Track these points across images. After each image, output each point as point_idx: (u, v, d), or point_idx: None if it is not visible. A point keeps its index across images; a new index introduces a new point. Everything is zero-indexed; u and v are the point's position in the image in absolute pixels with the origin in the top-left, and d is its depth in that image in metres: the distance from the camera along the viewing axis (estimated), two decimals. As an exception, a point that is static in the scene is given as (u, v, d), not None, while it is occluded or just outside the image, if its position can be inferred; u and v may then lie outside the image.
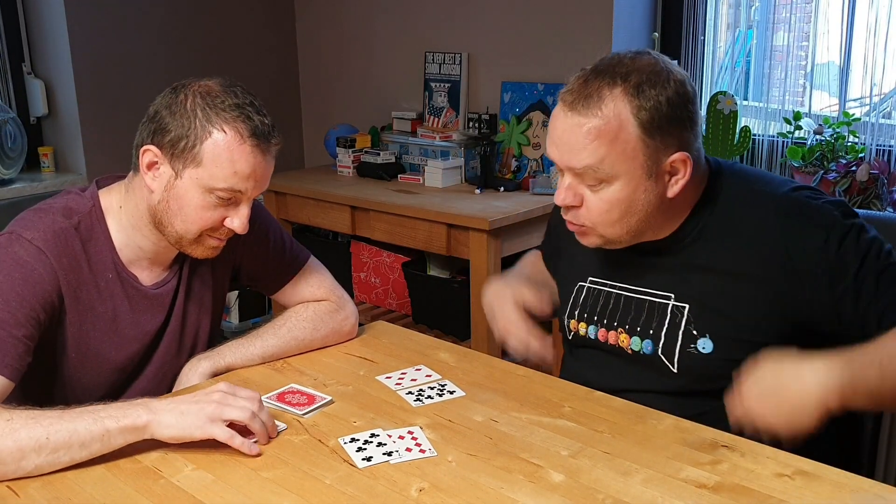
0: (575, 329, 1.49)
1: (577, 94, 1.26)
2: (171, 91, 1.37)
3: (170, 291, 1.49)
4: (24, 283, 1.31)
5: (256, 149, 1.34)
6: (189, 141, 1.32)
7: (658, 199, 1.30)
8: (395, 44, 3.49)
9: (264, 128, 1.35)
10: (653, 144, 1.25)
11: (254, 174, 1.35)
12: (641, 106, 1.24)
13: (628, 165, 1.26)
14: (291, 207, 3.18)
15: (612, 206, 1.29)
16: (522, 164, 3.06)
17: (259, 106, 1.36)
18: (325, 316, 1.59)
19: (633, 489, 1.10)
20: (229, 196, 1.35)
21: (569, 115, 1.27)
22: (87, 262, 1.39)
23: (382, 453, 1.20)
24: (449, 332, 2.91)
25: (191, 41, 3.47)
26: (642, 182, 1.28)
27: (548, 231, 1.68)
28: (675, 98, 1.25)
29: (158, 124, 1.34)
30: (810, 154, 2.57)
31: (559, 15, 2.95)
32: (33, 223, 1.36)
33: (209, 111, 1.32)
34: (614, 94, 1.24)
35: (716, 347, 1.32)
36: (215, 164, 1.32)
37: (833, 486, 1.10)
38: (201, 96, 1.33)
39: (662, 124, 1.25)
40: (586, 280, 1.49)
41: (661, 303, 1.38)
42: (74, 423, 1.17)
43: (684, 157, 1.28)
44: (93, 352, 1.42)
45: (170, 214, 1.37)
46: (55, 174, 3.23)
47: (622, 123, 1.24)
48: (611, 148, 1.24)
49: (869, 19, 2.50)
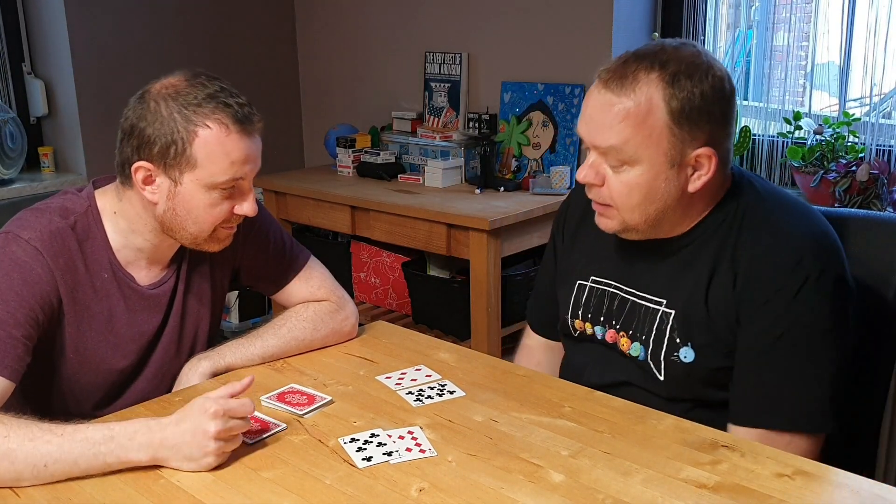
0: (581, 328, 1.49)
1: (614, 74, 1.27)
2: (138, 101, 1.35)
3: (167, 291, 1.49)
4: (22, 284, 1.30)
5: (243, 133, 1.33)
6: (178, 147, 1.31)
7: (678, 192, 1.29)
8: (395, 44, 3.49)
9: (244, 110, 1.34)
10: (679, 134, 1.25)
11: (248, 158, 1.35)
12: (674, 95, 1.24)
13: (652, 151, 1.26)
14: (291, 207, 3.18)
15: (631, 190, 1.29)
16: (522, 164, 3.06)
17: (230, 88, 1.35)
18: (326, 316, 1.59)
19: (633, 489, 1.10)
20: (232, 185, 1.35)
21: (602, 92, 1.27)
22: (83, 262, 1.39)
23: (382, 453, 1.20)
24: (449, 332, 2.91)
25: (191, 41, 3.48)
26: (664, 170, 1.27)
27: (550, 237, 1.66)
28: (710, 93, 1.25)
29: (140, 138, 1.33)
30: (810, 154, 2.57)
31: (559, 15, 2.95)
32: (30, 223, 1.36)
33: (186, 111, 1.31)
34: (650, 78, 1.25)
35: (696, 356, 1.33)
36: (210, 161, 1.32)
37: (833, 486, 1.10)
38: (172, 98, 1.32)
39: (692, 116, 1.25)
40: (587, 279, 1.49)
41: (653, 308, 1.38)
42: (74, 455, 1.14)
43: (710, 152, 1.27)
44: (90, 352, 1.42)
45: (180, 220, 1.37)
46: (55, 174, 3.23)
47: (652, 108, 1.24)
48: (637, 131, 1.25)
49: (869, 19, 2.50)
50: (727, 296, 1.30)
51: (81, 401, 1.46)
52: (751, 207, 1.33)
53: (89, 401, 1.46)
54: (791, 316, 1.25)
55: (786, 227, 1.29)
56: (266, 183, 3.22)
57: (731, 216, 1.33)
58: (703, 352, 1.32)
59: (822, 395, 1.26)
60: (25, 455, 1.13)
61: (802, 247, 1.26)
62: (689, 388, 1.34)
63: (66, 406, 1.43)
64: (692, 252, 1.35)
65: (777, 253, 1.27)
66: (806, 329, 1.25)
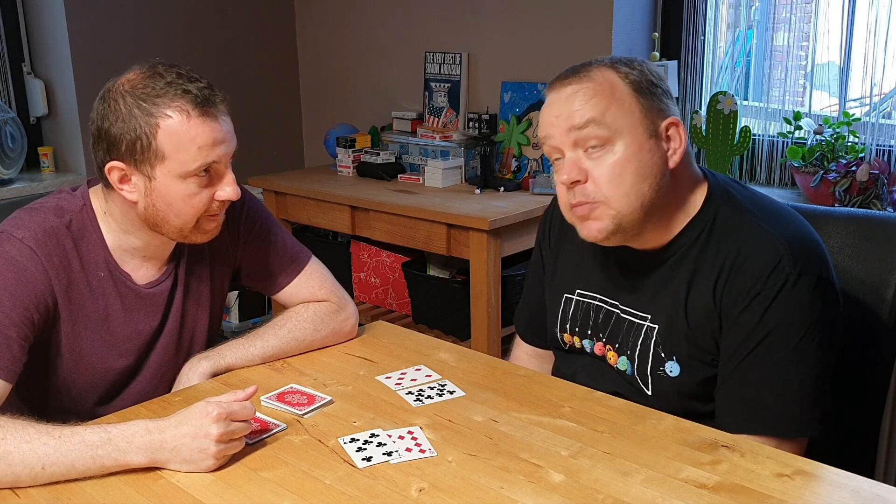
0: (570, 342, 1.49)
1: (568, 72, 1.34)
2: (100, 101, 1.34)
3: (165, 291, 1.49)
4: (17, 283, 1.30)
5: (207, 116, 1.31)
6: (143, 142, 1.29)
7: (663, 166, 1.29)
8: (395, 44, 3.49)
9: (203, 93, 1.31)
10: (646, 104, 1.29)
11: (216, 140, 1.32)
12: (626, 74, 1.30)
13: (629, 120, 1.28)
14: (291, 207, 3.18)
15: (622, 171, 1.27)
16: (522, 164, 3.06)
17: (188, 73, 1.33)
18: (326, 316, 1.59)
19: (633, 489, 1.10)
20: (207, 170, 1.33)
21: (564, 87, 1.32)
22: (78, 261, 1.38)
23: (382, 453, 1.20)
24: (449, 332, 2.91)
25: (191, 41, 3.48)
26: (645, 141, 1.28)
27: (536, 245, 1.64)
28: (650, 75, 1.32)
29: (108, 139, 1.32)
30: (810, 154, 2.57)
31: (559, 15, 2.95)
32: (24, 222, 1.35)
33: (145, 104, 1.29)
34: (601, 68, 1.32)
35: (682, 370, 1.33)
36: (177, 150, 1.30)
37: (833, 486, 1.10)
38: (130, 94, 1.30)
39: (650, 88, 1.30)
40: (573, 292, 1.48)
41: (638, 322, 1.38)
42: (71, 458, 1.13)
43: (676, 120, 1.31)
44: (86, 352, 1.42)
45: (161, 215, 1.36)
46: (55, 174, 3.23)
47: (614, 85, 1.30)
48: (610, 101, 1.28)
49: (869, 19, 2.50)
50: (707, 305, 1.30)
51: (79, 400, 1.45)
52: (728, 216, 1.32)
53: (88, 400, 1.46)
54: (770, 321, 1.25)
55: (762, 232, 1.28)
56: (266, 183, 3.22)
57: (709, 227, 1.32)
58: (689, 365, 1.32)
59: (805, 399, 1.25)
60: (22, 457, 1.12)
61: (780, 251, 1.25)
62: (677, 402, 1.34)
63: (64, 405, 1.43)
64: (671, 266, 1.34)
65: (754, 258, 1.26)
66: (786, 333, 1.25)
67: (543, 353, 1.62)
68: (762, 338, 1.25)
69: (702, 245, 1.32)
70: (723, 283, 1.29)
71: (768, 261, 1.25)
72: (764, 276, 1.25)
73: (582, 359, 1.48)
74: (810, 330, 1.24)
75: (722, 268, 1.29)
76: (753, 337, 1.26)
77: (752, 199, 1.36)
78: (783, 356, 1.25)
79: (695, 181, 1.35)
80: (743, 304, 1.26)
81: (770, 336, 1.25)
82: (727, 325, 1.29)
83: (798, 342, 1.24)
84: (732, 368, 1.28)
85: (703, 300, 1.30)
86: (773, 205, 1.36)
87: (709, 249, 1.31)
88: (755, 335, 1.26)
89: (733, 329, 1.28)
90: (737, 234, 1.30)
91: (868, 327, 1.43)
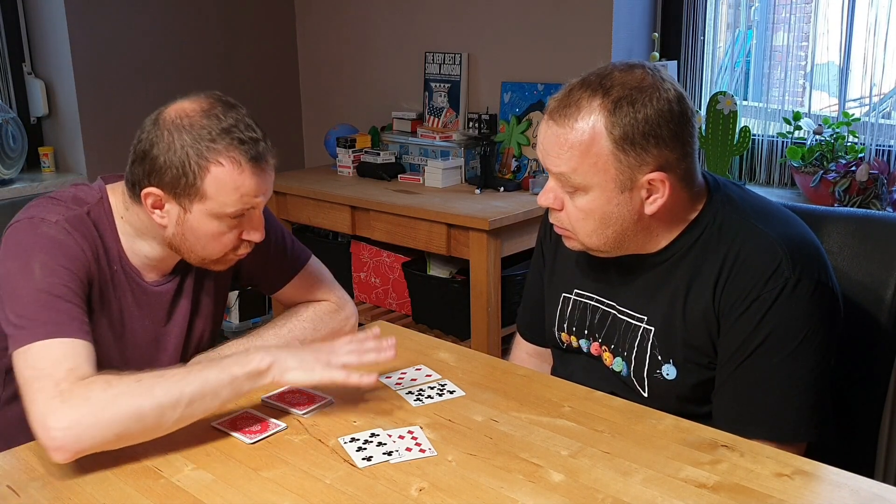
0: (567, 341, 1.49)
1: (559, 104, 1.28)
2: (153, 126, 1.33)
3: (171, 290, 1.49)
4: (66, 259, 1.31)
5: (256, 169, 1.32)
6: (188, 179, 1.30)
7: (634, 215, 1.29)
8: (395, 44, 3.49)
9: (258, 147, 1.32)
10: (626, 160, 1.25)
11: (259, 191, 1.34)
12: (616, 122, 1.23)
13: (600, 178, 1.26)
14: (291, 207, 3.18)
15: (586, 215, 1.30)
16: (522, 164, 3.06)
17: (246, 121, 1.33)
18: (326, 316, 1.59)
19: (633, 489, 1.10)
20: (242, 214, 1.35)
21: (549, 123, 1.30)
22: (103, 248, 1.39)
23: (382, 453, 1.20)
24: (449, 332, 2.91)
25: (191, 41, 3.48)
26: (615, 196, 1.27)
27: (537, 242, 1.65)
28: (656, 116, 1.23)
29: (152, 164, 1.31)
30: (810, 154, 2.57)
31: (559, 15, 2.95)
32: (50, 209, 1.36)
33: (199, 146, 1.29)
34: (592, 106, 1.24)
35: (679, 372, 1.33)
36: (220, 194, 1.31)
37: (832, 485, 1.10)
38: (186, 130, 1.29)
39: (638, 141, 1.23)
40: (571, 292, 1.49)
41: (634, 324, 1.38)
42: (203, 374, 1.22)
43: (662, 177, 1.26)
44: (102, 349, 1.41)
45: (189, 244, 1.37)
46: (55, 174, 3.23)
47: (595, 137, 1.24)
48: (582, 160, 1.25)
49: (869, 19, 2.50)
50: (706, 307, 1.30)
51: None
52: (727, 220, 1.32)
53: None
54: (769, 324, 1.25)
55: (762, 236, 1.28)
56: (266, 183, 3.21)
57: (708, 231, 1.32)
58: (685, 368, 1.32)
59: (802, 403, 1.26)
60: (162, 387, 1.18)
61: (779, 254, 1.25)
62: (674, 404, 1.34)
63: None
64: (668, 269, 1.35)
65: (753, 261, 1.26)
66: (784, 337, 1.25)
67: (544, 351, 1.62)
68: (760, 341, 1.25)
69: (701, 247, 1.32)
70: (722, 286, 1.29)
71: (768, 264, 1.25)
72: (763, 280, 1.25)
73: (579, 359, 1.48)
74: (809, 334, 1.24)
75: (721, 270, 1.29)
76: (751, 340, 1.26)
77: (752, 201, 1.36)
78: (781, 360, 1.25)
79: (694, 196, 1.34)
80: (742, 308, 1.26)
81: (768, 340, 1.25)
82: (725, 328, 1.29)
83: (796, 346, 1.24)
84: (730, 372, 1.28)
85: (702, 302, 1.30)
86: (772, 207, 1.36)
87: (708, 252, 1.31)
88: (753, 339, 1.26)
89: (731, 332, 1.28)
90: (736, 237, 1.30)
91: (867, 327, 1.43)
